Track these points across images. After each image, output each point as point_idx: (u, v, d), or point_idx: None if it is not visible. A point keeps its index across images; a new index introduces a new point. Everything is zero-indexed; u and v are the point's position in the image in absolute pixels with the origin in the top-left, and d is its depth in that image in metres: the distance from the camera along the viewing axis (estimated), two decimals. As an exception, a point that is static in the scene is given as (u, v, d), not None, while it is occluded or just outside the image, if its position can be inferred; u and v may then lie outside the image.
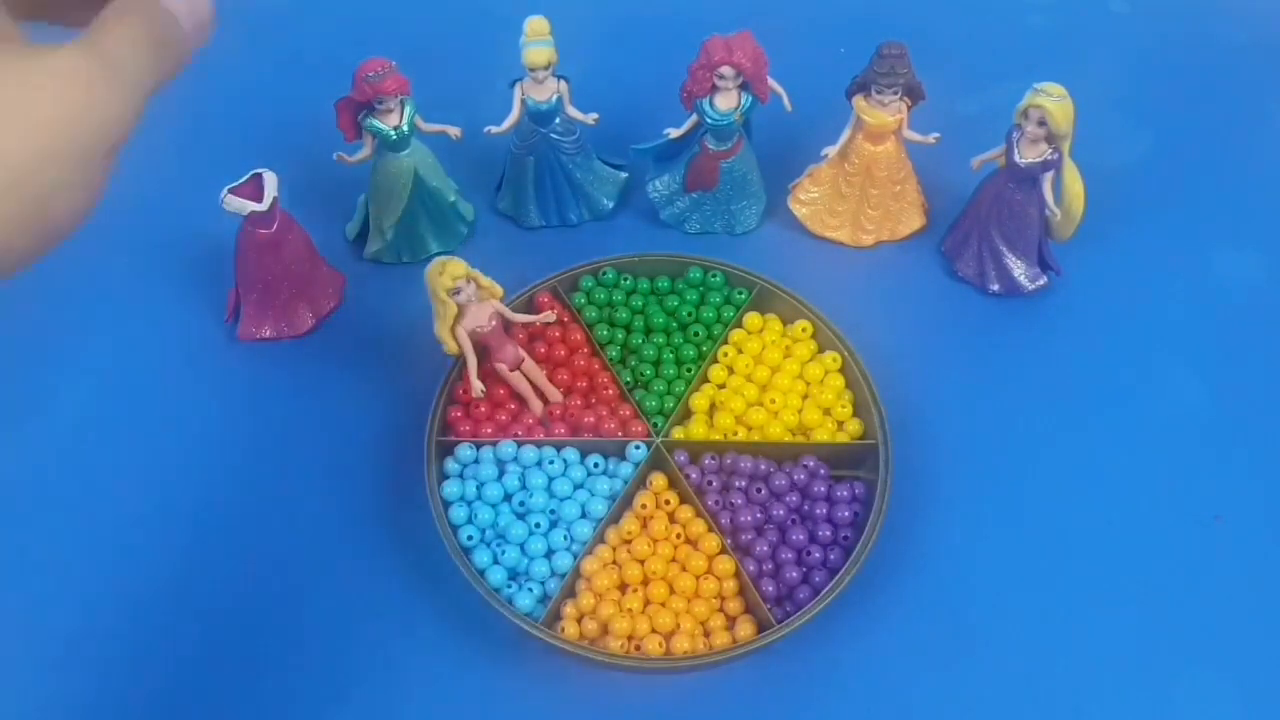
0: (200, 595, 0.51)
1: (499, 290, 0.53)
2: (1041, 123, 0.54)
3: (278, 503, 0.54)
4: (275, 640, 0.51)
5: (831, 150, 0.61)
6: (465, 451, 0.53)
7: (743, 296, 0.59)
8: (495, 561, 0.50)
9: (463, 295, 0.51)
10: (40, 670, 0.49)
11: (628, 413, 0.55)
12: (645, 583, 0.50)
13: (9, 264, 0.25)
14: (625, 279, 0.60)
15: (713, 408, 0.55)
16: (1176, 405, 0.57)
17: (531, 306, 0.58)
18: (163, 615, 0.50)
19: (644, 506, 0.52)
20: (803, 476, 0.53)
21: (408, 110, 0.57)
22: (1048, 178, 0.56)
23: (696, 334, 0.58)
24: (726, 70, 0.56)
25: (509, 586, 0.50)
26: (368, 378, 0.59)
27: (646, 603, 0.50)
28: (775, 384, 0.56)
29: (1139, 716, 0.48)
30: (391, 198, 0.60)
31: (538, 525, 0.51)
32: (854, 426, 0.55)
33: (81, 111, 0.26)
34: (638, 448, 0.53)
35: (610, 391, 0.56)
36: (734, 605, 0.50)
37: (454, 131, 0.60)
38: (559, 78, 0.58)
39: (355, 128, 0.57)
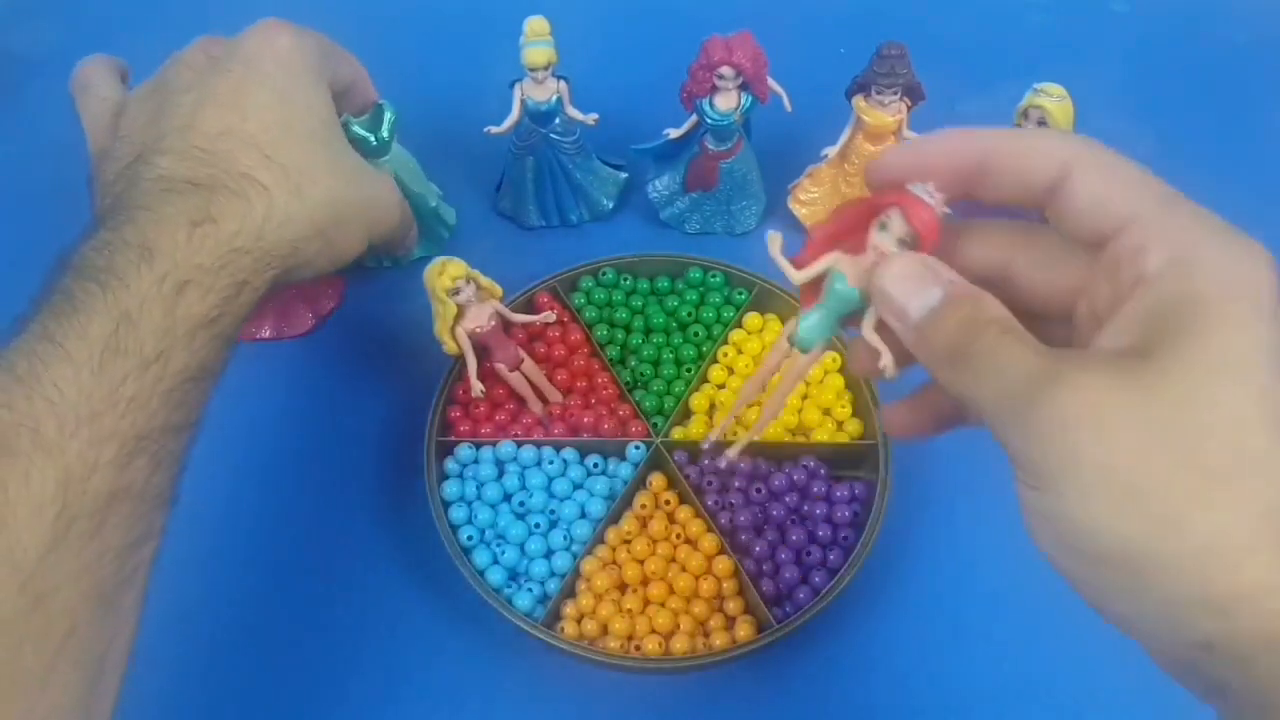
0: (197, 595, 0.51)
1: (498, 290, 0.53)
2: (1041, 122, 0.54)
3: (276, 502, 0.54)
4: (273, 639, 0.51)
5: (831, 150, 0.61)
6: (465, 451, 0.53)
7: (743, 296, 0.59)
8: (495, 561, 0.51)
9: (462, 295, 0.51)
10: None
11: (627, 413, 0.55)
12: (644, 583, 0.50)
13: (317, 253, 0.43)
14: (625, 279, 0.60)
15: (712, 408, 0.55)
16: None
17: (531, 306, 0.58)
18: (158, 614, 0.50)
19: (643, 506, 0.52)
20: (802, 476, 0.53)
21: (388, 116, 0.56)
22: (1048, 178, 0.56)
23: (696, 334, 0.58)
24: (726, 70, 0.56)
25: (508, 586, 0.50)
26: (367, 378, 0.59)
27: (646, 603, 0.50)
28: (775, 384, 0.56)
29: (1139, 715, 0.48)
30: None
31: (537, 525, 0.51)
32: (853, 426, 0.55)
33: (385, 203, 0.49)
34: (637, 448, 0.53)
35: (609, 391, 0.56)
36: (733, 605, 0.50)
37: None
38: (559, 78, 0.58)
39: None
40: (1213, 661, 0.23)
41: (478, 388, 0.53)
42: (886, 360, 0.30)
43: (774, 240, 0.32)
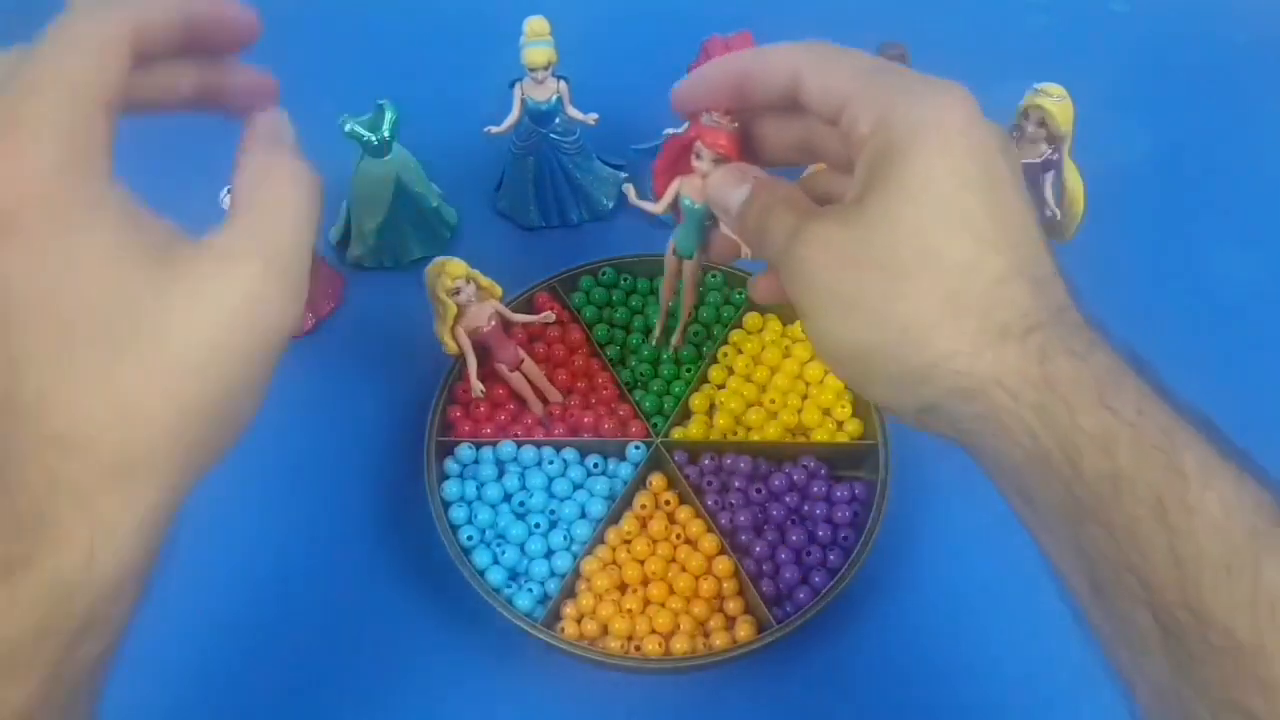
0: (195, 594, 0.51)
1: (498, 290, 0.53)
2: (1041, 123, 0.54)
3: (276, 503, 0.54)
4: (272, 638, 0.51)
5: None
6: (465, 451, 0.53)
7: (742, 296, 0.59)
8: (495, 561, 0.51)
9: (462, 295, 0.51)
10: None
11: (627, 413, 0.55)
12: (644, 583, 0.50)
13: (204, 462, 0.27)
14: (625, 279, 0.60)
15: (712, 408, 0.55)
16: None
17: (531, 306, 0.58)
18: (157, 616, 0.50)
19: (643, 507, 0.52)
20: (802, 476, 0.53)
21: (388, 116, 0.57)
22: (1048, 178, 0.56)
23: (696, 334, 0.58)
24: (726, 70, 0.56)
25: (509, 586, 0.50)
26: (367, 378, 0.59)
27: (646, 603, 0.50)
28: (774, 384, 0.56)
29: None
30: (373, 203, 0.59)
31: (537, 525, 0.51)
32: (853, 426, 0.55)
33: (256, 318, 0.27)
34: (637, 448, 0.53)
35: (609, 391, 0.56)
36: (733, 605, 0.50)
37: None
38: (559, 78, 0.58)
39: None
40: (938, 419, 0.30)
41: (478, 388, 0.53)
42: (745, 249, 0.38)
43: (630, 190, 0.48)
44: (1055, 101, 0.53)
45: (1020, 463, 0.29)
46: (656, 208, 0.42)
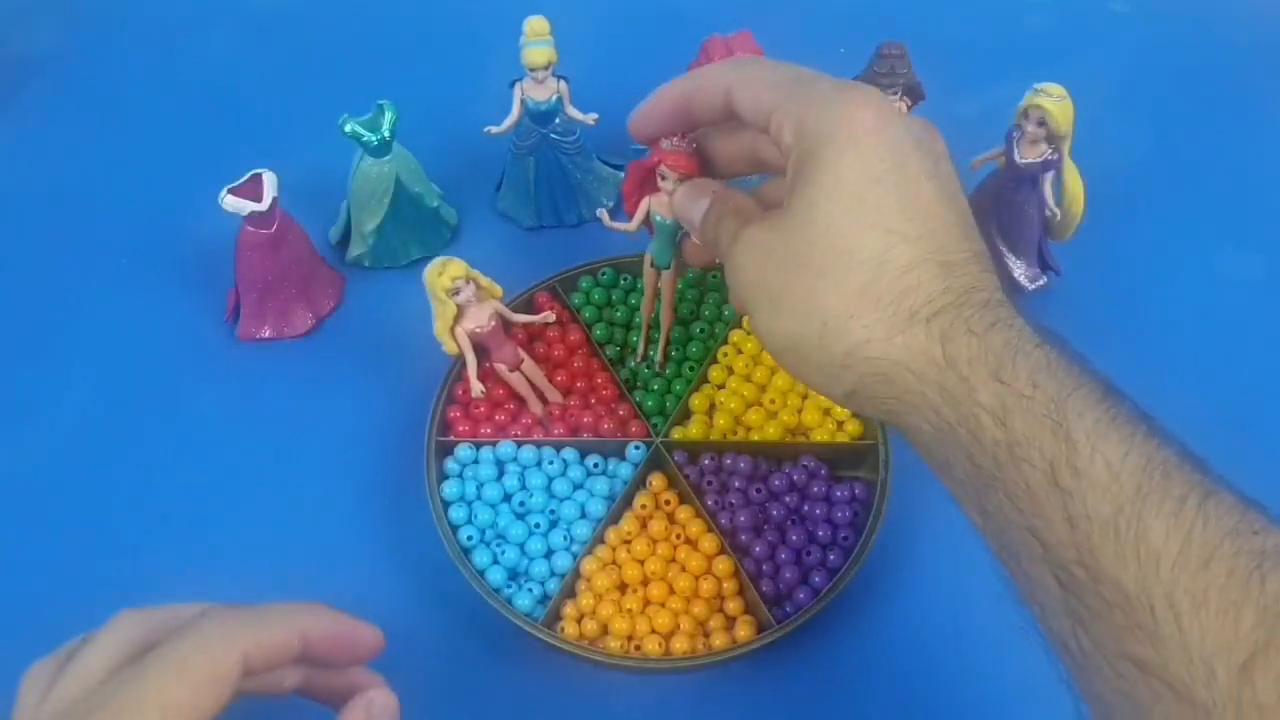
0: (196, 595, 0.51)
1: (498, 290, 0.53)
2: (1041, 123, 0.54)
3: (277, 502, 0.54)
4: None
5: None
6: (465, 451, 0.53)
7: (742, 296, 0.59)
8: (495, 561, 0.51)
9: (462, 295, 0.51)
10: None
11: (626, 413, 0.55)
12: (644, 583, 0.50)
13: None
14: (624, 279, 0.60)
15: (712, 408, 0.55)
16: (1177, 405, 0.57)
17: (531, 307, 0.58)
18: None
19: (643, 507, 0.52)
20: (802, 476, 0.53)
21: (388, 116, 0.57)
22: (1048, 178, 0.56)
23: (700, 330, 0.58)
24: (726, 70, 0.56)
25: (509, 586, 0.50)
26: (367, 378, 0.59)
27: (646, 603, 0.50)
28: (774, 384, 0.56)
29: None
30: (373, 203, 0.59)
31: (537, 525, 0.51)
32: (853, 426, 0.54)
33: None
34: (637, 448, 0.53)
35: (609, 391, 0.56)
36: (733, 605, 0.50)
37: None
38: (559, 78, 0.58)
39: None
40: (864, 402, 0.32)
41: (478, 388, 0.53)
42: (715, 255, 0.40)
43: (603, 215, 0.51)
44: (1055, 101, 0.53)
45: (932, 437, 0.31)
46: (629, 227, 0.47)
